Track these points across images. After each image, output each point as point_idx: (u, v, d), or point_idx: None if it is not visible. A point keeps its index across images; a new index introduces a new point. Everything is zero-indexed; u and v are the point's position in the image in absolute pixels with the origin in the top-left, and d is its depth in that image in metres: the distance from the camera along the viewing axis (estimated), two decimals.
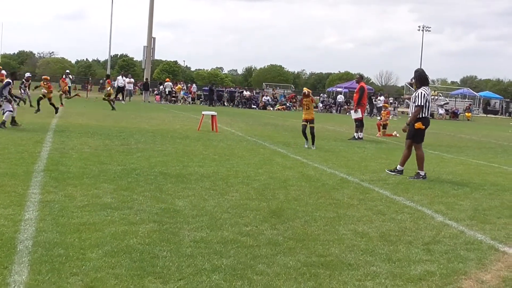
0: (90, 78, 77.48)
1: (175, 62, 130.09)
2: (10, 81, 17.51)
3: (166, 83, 49.30)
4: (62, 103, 28.62)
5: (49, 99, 23.17)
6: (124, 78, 44.43)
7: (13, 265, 4.94)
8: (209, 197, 8.43)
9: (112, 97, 32.46)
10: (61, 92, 30.70)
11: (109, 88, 32.32)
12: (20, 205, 7.09)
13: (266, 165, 12.15)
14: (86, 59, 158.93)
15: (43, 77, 25.53)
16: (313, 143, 16.22)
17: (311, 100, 16.46)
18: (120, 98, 42.27)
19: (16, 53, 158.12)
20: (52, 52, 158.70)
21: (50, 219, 6.54)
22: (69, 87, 42.69)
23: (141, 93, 54.47)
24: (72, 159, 11.10)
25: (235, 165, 11.83)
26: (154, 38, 54.20)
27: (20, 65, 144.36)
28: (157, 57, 64.32)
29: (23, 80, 30.93)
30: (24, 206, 7.06)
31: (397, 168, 11.97)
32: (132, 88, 47.17)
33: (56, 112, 22.11)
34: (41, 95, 23.86)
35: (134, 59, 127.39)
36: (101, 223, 6.50)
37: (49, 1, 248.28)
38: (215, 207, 7.78)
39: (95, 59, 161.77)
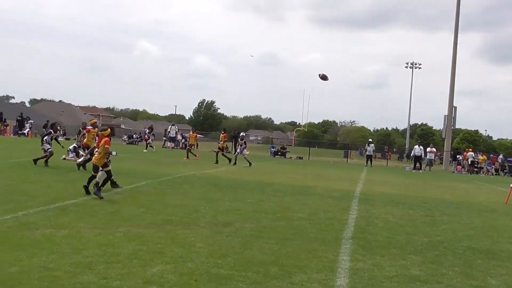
0: (387, 148, 78.38)
1: (476, 131, 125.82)
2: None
3: (469, 153, 47.71)
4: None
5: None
6: (421, 147, 44.02)
7: None
8: None
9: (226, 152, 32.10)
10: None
11: (223, 142, 31.57)
12: (331, 270, 7.35)
13: None
14: (386, 127, 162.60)
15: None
16: None
17: None
18: (418, 166, 42.00)
19: (320, 122, 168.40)
20: (353, 121, 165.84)
21: (361, 287, 6.65)
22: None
23: (441, 163, 53.52)
24: (377, 227, 11.24)
25: None
26: (455, 107, 53.04)
27: (323, 133, 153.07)
28: (457, 126, 62.64)
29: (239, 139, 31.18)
30: (335, 272, 7.29)
31: None
32: (433, 158, 46.46)
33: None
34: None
35: (433, 128, 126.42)
36: None
37: (352, 73, 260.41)
38: None
39: (394, 127, 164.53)
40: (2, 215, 9.54)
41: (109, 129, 14.02)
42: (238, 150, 31.19)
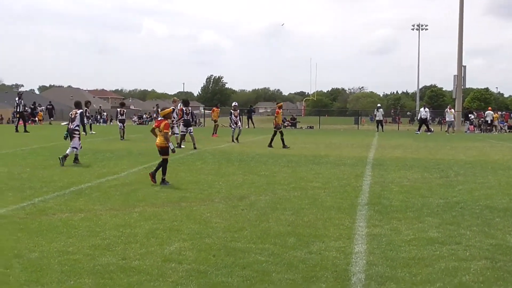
0: (398, 111, 77.99)
1: (486, 89, 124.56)
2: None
3: (487, 112, 47.26)
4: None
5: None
6: (426, 109, 43.18)
7: None
8: None
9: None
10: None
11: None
12: (349, 238, 7.35)
13: None
14: (396, 91, 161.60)
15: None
16: None
17: None
18: (426, 129, 41.53)
19: (329, 90, 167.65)
20: (362, 87, 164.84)
21: (379, 252, 6.64)
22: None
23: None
24: (393, 192, 11.20)
25: None
26: (465, 67, 52.32)
27: (333, 101, 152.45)
28: (468, 85, 62.05)
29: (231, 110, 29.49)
30: (353, 239, 7.29)
31: None
32: (453, 119, 45.56)
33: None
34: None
35: (443, 89, 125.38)
36: (430, 258, 6.41)
37: (359, 40, 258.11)
38: None
39: (404, 91, 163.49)
40: (20, 202, 9.61)
41: (171, 108, 12.84)
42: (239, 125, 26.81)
